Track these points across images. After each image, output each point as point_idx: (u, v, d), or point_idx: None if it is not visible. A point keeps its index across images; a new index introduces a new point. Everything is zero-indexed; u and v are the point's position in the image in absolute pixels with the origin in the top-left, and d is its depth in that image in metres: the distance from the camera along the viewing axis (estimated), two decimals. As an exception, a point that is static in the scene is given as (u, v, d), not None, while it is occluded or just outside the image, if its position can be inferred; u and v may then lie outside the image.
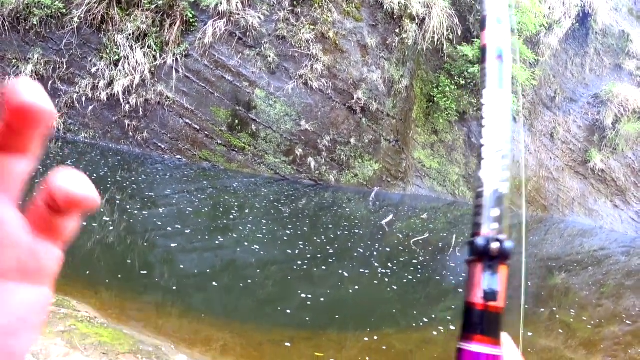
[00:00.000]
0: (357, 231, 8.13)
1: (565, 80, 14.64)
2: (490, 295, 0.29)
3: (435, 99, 12.26)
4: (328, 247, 6.80)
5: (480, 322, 0.29)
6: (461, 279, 6.81)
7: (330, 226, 8.07)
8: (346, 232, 7.83)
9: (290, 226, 7.52)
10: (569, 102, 14.57)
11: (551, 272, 8.90)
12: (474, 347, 0.28)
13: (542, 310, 6.58)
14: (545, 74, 14.06)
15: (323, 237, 7.25)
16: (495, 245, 0.31)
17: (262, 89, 10.10)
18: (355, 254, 6.86)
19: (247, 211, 7.90)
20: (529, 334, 5.31)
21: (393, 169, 11.63)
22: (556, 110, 14.45)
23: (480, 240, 0.32)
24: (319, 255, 6.30)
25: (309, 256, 6.23)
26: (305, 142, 10.38)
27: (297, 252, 6.36)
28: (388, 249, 7.46)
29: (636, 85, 14.35)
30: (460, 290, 6.39)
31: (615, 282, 9.22)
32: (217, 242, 6.25)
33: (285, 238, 6.86)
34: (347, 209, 9.71)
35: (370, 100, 10.64)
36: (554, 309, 6.72)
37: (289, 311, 4.79)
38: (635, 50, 14.66)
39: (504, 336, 0.30)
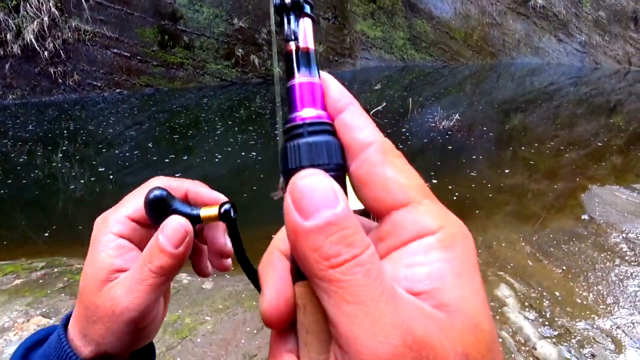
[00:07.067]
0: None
1: None
2: (293, 35, 0.31)
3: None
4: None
5: (296, 60, 0.32)
6: (425, 140, 7.05)
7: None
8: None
9: (249, 128, 7.48)
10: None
11: (508, 114, 9.28)
12: (296, 79, 0.31)
13: (505, 151, 6.97)
14: None
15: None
16: None
17: (184, -5, 9.36)
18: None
19: (204, 125, 7.75)
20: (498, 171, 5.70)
21: (338, 47, 11.38)
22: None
23: None
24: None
25: (275, 152, 6.29)
26: (243, 41, 9.93)
27: (263, 152, 6.40)
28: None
29: None
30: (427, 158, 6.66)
31: (567, 113, 9.72)
32: (185, 163, 6.21)
33: (247, 142, 6.84)
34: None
35: (300, -19, 10.02)
36: (516, 148, 7.12)
37: (270, 214, 4.95)
38: None
39: (323, 73, 0.32)
